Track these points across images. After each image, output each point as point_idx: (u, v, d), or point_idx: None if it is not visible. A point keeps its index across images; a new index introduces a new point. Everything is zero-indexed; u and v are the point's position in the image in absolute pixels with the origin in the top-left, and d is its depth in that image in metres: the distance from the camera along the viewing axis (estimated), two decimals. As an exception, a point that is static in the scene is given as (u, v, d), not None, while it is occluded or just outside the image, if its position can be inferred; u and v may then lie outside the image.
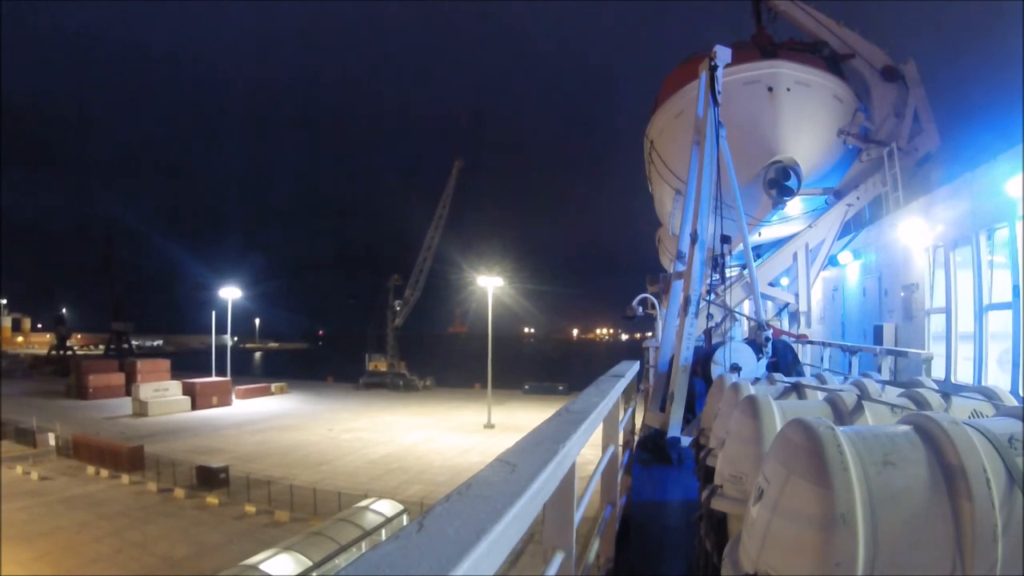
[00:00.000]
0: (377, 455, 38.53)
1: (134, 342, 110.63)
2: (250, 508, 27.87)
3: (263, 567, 17.24)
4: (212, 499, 29.14)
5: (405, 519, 23.02)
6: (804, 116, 13.77)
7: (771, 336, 7.91)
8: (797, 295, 14.57)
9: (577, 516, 2.12)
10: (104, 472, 33.66)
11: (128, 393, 57.72)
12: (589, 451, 2.70)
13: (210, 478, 30.80)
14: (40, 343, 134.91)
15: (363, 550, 19.03)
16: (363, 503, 24.14)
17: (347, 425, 48.48)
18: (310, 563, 17.90)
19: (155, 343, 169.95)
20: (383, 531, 21.61)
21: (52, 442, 38.73)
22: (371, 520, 22.13)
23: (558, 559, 1.88)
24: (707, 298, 8.64)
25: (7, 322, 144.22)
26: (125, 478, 32.54)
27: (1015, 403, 2.90)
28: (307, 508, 27.21)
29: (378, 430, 46.50)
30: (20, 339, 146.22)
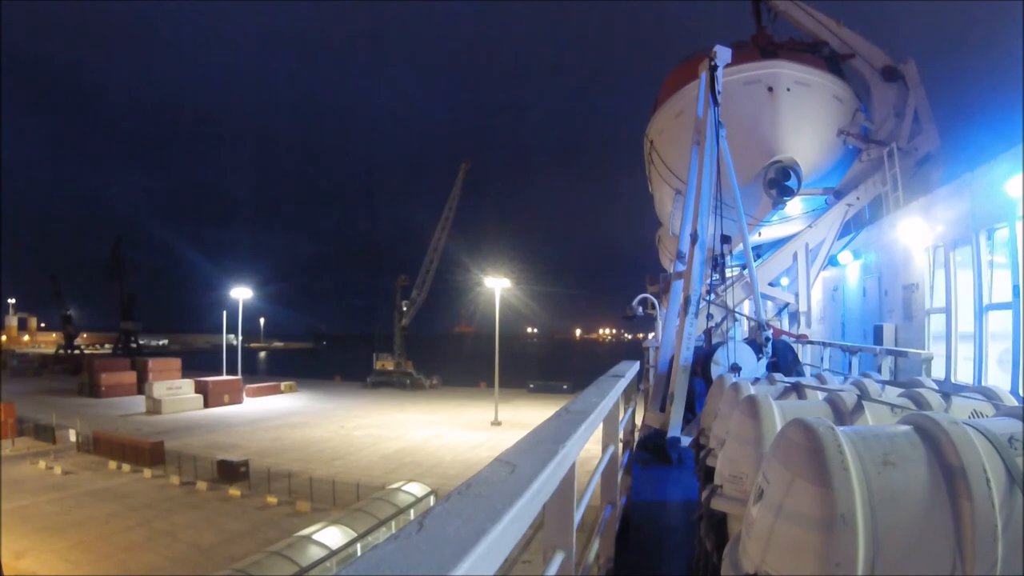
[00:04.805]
0: (390, 450, 38.87)
1: (140, 341, 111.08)
2: (271, 499, 28.29)
3: (316, 537, 19.20)
4: (234, 491, 29.54)
5: (432, 500, 24.61)
6: (804, 116, 13.75)
7: (771, 336, 7.91)
8: (797, 295, 14.53)
9: (577, 516, 2.12)
10: (126, 466, 34.05)
11: (140, 391, 58.06)
12: (591, 446, 2.70)
13: (231, 472, 31.26)
14: (46, 342, 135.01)
15: (392, 529, 20.96)
16: (395, 485, 26.00)
17: (358, 422, 48.77)
18: (355, 534, 20.34)
19: (160, 342, 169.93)
20: (412, 510, 23.49)
21: (72, 438, 38.98)
22: (403, 499, 24.28)
23: (558, 559, 1.88)
24: (707, 298, 8.64)
25: (13, 321, 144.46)
26: (147, 472, 32.91)
27: (1015, 403, 2.90)
28: (326, 499, 27.60)
29: (388, 427, 46.77)
30: (26, 338, 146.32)
